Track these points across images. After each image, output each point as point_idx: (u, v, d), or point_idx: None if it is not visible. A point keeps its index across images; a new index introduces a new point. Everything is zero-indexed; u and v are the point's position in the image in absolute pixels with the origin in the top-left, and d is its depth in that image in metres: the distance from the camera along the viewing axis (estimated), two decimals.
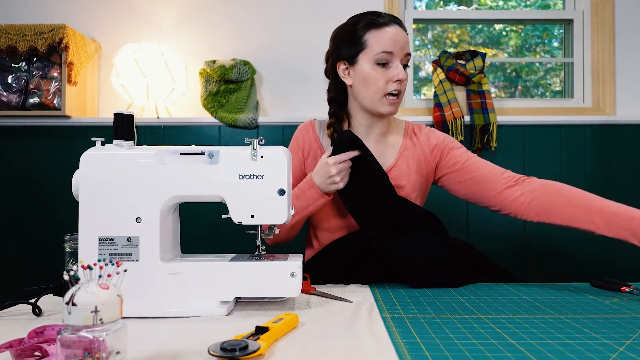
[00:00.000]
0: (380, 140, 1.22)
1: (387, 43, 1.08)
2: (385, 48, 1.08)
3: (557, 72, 2.38)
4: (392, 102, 1.12)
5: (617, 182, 1.98)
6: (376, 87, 1.11)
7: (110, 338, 0.50)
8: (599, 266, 1.94)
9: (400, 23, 1.13)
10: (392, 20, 1.11)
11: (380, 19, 1.11)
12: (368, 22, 1.11)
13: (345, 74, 1.17)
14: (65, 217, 1.90)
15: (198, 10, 2.08)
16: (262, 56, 2.05)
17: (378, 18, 1.11)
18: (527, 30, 2.38)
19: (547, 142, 1.98)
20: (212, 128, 1.97)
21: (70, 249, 0.93)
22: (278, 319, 0.71)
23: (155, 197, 0.81)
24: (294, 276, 0.82)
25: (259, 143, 0.84)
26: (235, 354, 0.57)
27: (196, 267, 0.82)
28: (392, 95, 1.11)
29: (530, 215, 1.10)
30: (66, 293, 0.50)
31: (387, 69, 1.10)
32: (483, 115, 1.91)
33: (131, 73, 1.86)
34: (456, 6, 2.33)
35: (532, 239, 1.95)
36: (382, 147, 1.22)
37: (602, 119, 1.98)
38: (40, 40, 1.84)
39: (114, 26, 2.07)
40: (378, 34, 1.09)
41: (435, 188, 1.29)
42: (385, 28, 1.09)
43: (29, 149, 1.96)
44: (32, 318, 0.81)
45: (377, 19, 1.11)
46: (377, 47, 1.09)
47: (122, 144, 0.83)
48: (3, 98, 1.86)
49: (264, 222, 0.85)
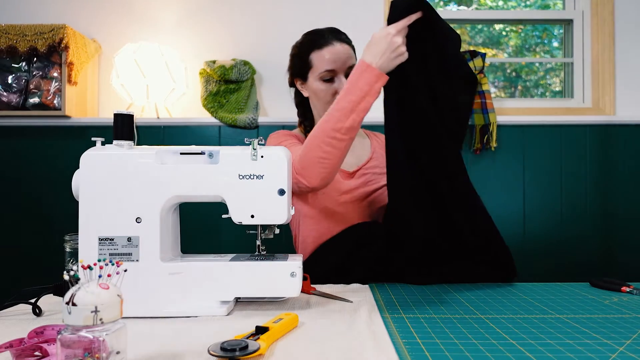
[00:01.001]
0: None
1: (328, 62, 1.20)
2: (327, 67, 1.21)
3: (557, 72, 2.38)
4: None
5: (617, 182, 1.98)
6: (324, 100, 1.24)
7: (110, 338, 0.50)
8: (598, 266, 1.94)
9: (342, 38, 1.24)
10: (332, 37, 1.22)
11: (321, 39, 1.23)
12: (310, 43, 1.24)
13: (302, 88, 1.32)
14: (65, 217, 1.90)
15: (198, 10, 2.08)
16: (262, 56, 2.05)
17: (319, 38, 1.23)
18: (527, 30, 2.38)
19: (547, 142, 1.98)
20: (212, 128, 1.97)
21: (70, 249, 0.93)
22: (278, 319, 0.71)
23: (155, 197, 0.81)
24: (294, 276, 0.82)
25: (259, 143, 0.84)
26: (235, 354, 0.57)
27: (196, 267, 0.82)
28: None
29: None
30: (66, 293, 0.50)
31: (333, 83, 1.23)
32: (483, 115, 1.91)
33: (131, 73, 1.86)
34: (456, 6, 2.33)
35: (531, 238, 1.95)
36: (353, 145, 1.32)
37: (602, 119, 1.98)
38: (40, 40, 1.84)
39: (114, 26, 2.07)
40: (320, 54, 1.22)
41: None
42: (325, 48, 1.21)
43: (29, 149, 1.96)
44: (32, 318, 0.81)
45: (318, 39, 1.23)
46: (320, 67, 1.22)
47: (122, 144, 0.83)
48: (3, 98, 1.86)
49: (264, 222, 0.85)
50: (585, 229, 1.97)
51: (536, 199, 1.97)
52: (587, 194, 1.98)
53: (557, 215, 1.97)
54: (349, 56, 1.22)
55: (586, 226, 1.97)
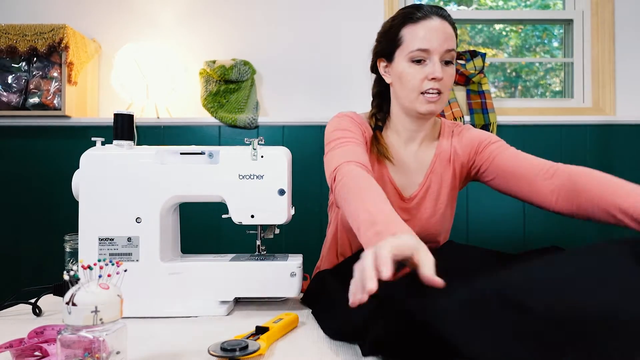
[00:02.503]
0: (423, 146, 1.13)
1: (422, 40, 1.00)
2: (420, 45, 1.00)
3: (557, 72, 2.38)
4: (430, 100, 1.01)
5: None
6: (411, 85, 1.02)
7: (110, 338, 0.50)
8: None
9: (443, 14, 1.02)
10: (431, 12, 1.01)
11: (418, 12, 1.02)
12: (404, 16, 1.03)
13: (385, 72, 1.09)
14: (65, 217, 1.90)
15: (198, 10, 2.08)
16: (262, 56, 2.05)
17: (416, 11, 1.02)
18: (527, 30, 2.38)
19: (547, 142, 1.98)
20: (212, 128, 1.97)
21: (70, 249, 0.93)
22: (278, 319, 0.71)
23: (155, 197, 0.81)
24: (293, 276, 0.82)
25: (259, 143, 0.84)
26: (235, 354, 0.57)
27: (196, 267, 0.83)
28: (429, 94, 1.02)
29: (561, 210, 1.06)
30: (66, 293, 0.50)
31: (424, 66, 1.01)
32: (483, 115, 1.91)
33: (131, 73, 1.86)
34: (456, 6, 2.33)
35: (531, 238, 1.95)
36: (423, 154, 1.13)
37: (602, 119, 1.98)
38: (40, 40, 1.83)
39: (114, 26, 2.07)
40: (413, 29, 1.01)
41: None
42: (421, 22, 1.00)
43: (29, 149, 1.96)
44: (32, 318, 0.81)
45: (415, 12, 1.02)
46: (412, 44, 1.01)
47: (122, 144, 0.83)
48: (3, 98, 1.86)
49: (264, 222, 0.85)
50: (585, 229, 1.97)
51: None
52: None
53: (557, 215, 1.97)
54: (448, 36, 1.01)
55: (586, 226, 1.97)
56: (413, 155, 1.11)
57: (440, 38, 0.99)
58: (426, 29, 1.00)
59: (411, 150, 1.11)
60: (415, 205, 1.10)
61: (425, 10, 1.02)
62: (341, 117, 1.09)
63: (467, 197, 1.95)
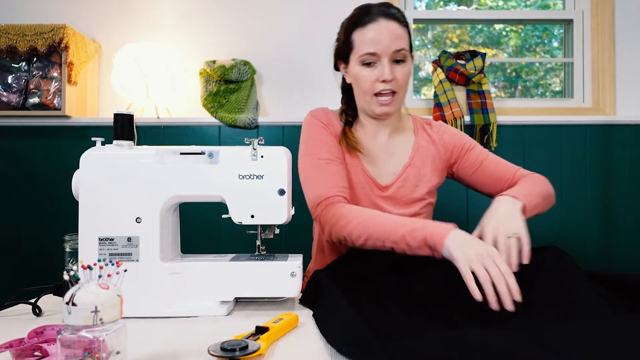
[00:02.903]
0: (393, 137, 1.18)
1: (369, 43, 1.03)
2: (369, 49, 1.03)
3: (557, 72, 2.38)
4: (383, 103, 1.07)
5: (617, 182, 1.98)
6: (365, 87, 1.07)
7: (110, 338, 0.50)
8: (598, 266, 1.94)
9: (391, 15, 1.04)
10: (378, 14, 1.04)
11: (366, 16, 1.05)
12: (354, 20, 1.07)
13: (345, 73, 1.14)
14: (65, 217, 1.90)
15: (198, 10, 2.08)
16: (262, 56, 2.05)
17: (364, 15, 1.05)
18: (527, 30, 2.38)
19: (547, 142, 1.98)
20: (212, 128, 1.97)
21: (70, 249, 0.93)
22: (278, 319, 0.71)
23: (155, 197, 0.81)
24: (294, 276, 0.82)
25: (259, 143, 0.84)
26: (235, 354, 0.57)
27: (196, 267, 0.83)
28: (382, 96, 1.07)
29: None
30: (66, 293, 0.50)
31: (375, 68, 1.05)
32: (483, 115, 1.91)
33: (131, 73, 1.86)
34: (456, 6, 2.33)
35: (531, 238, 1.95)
36: (396, 144, 1.18)
37: (602, 119, 1.98)
38: (40, 40, 1.83)
39: (114, 26, 2.07)
40: (362, 33, 1.04)
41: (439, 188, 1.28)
42: (368, 26, 1.03)
43: (29, 149, 1.96)
44: (32, 318, 0.81)
45: (363, 15, 1.05)
46: (361, 48, 1.05)
47: (122, 144, 0.83)
48: (3, 98, 1.86)
49: (264, 222, 0.85)
50: (585, 229, 1.97)
51: None
52: (587, 194, 1.98)
53: (557, 215, 1.97)
54: (395, 37, 1.03)
55: (586, 226, 1.97)
56: (384, 146, 1.17)
57: (387, 40, 1.02)
58: (373, 32, 1.03)
59: (380, 142, 1.17)
60: (392, 194, 1.14)
61: (372, 12, 1.04)
62: (313, 123, 1.14)
63: (467, 197, 1.95)
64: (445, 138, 1.20)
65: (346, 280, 0.92)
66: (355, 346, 0.59)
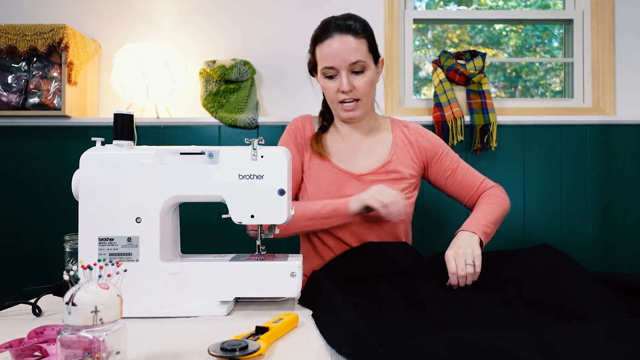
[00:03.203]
0: (370, 136, 1.26)
1: (327, 58, 1.12)
2: (326, 64, 1.12)
3: (557, 72, 2.38)
4: (347, 109, 1.16)
5: (617, 182, 1.98)
6: (329, 97, 1.18)
7: (110, 338, 0.50)
8: (598, 266, 1.94)
9: (347, 29, 1.12)
10: (335, 29, 1.12)
11: (324, 33, 1.13)
12: (315, 36, 1.16)
13: (318, 82, 1.22)
14: (65, 217, 1.90)
15: (198, 10, 2.08)
16: (262, 56, 2.05)
17: (322, 32, 1.14)
18: (527, 30, 2.38)
19: (547, 142, 1.98)
20: (212, 128, 1.97)
21: (70, 249, 0.93)
22: (278, 319, 0.71)
23: (155, 197, 0.81)
24: (294, 276, 0.82)
25: (259, 143, 0.84)
26: (235, 354, 0.57)
27: (196, 267, 0.82)
28: (345, 103, 1.16)
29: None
30: (66, 293, 0.50)
31: (335, 80, 1.14)
32: (483, 115, 1.91)
33: (131, 73, 1.86)
34: (456, 6, 2.33)
35: (531, 238, 1.95)
36: (373, 143, 1.25)
37: (602, 119, 1.98)
38: (40, 40, 1.83)
39: (114, 26, 2.07)
40: (321, 49, 1.14)
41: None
42: (325, 42, 1.12)
43: (29, 149, 1.96)
44: (32, 318, 0.81)
45: (321, 33, 1.14)
46: (321, 63, 1.14)
47: (122, 144, 0.83)
48: (3, 98, 1.86)
49: (264, 222, 0.85)
50: (585, 229, 1.97)
51: (536, 199, 1.97)
52: (587, 194, 1.98)
53: (557, 215, 1.97)
54: (351, 50, 1.10)
55: (586, 226, 1.97)
56: (359, 146, 1.25)
57: (343, 54, 1.10)
58: (329, 48, 1.12)
59: (355, 142, 1.25)
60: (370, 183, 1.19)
61: (329, 28, 1.13)
62: (285, 132, 1.26)
63: None
64: (421, 140, 1.27)
65: (345, 280, 0.93)
66: (355, 347, 0.59)
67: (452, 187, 1.27)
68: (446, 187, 1.28)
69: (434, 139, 1.28)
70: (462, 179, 1.26)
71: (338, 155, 1.23)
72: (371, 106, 1.23)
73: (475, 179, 1.27)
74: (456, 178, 1.26)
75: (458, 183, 1.26)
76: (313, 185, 1.20)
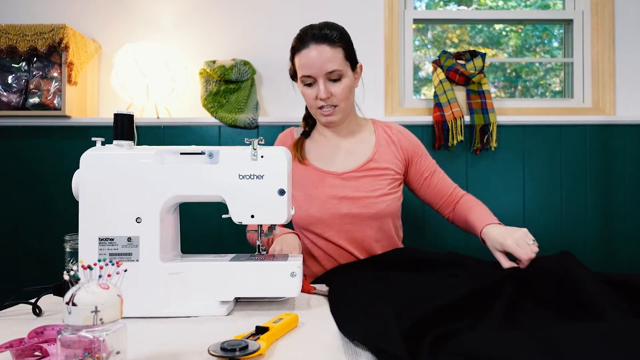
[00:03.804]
0: (351, 138, 1.29)
1: (304, 68, 1.16)
2: (304, 72, 1.16)
3: (557, 72, 2.38)
4: (326, 114, 1.20)
5: (617, 182, 1.98)
6: (309, 103, 1.22)
7: (110, 338, 0.50)
8: (598, 266, 1.94)
9: (322, 38, 1.14)
10: (310, 39, 1.15)
11: (301, 43, 1.16)
12: (293, 45, 1.20)
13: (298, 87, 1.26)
14: (65, 217, 1.90)
15: (198, 10, 2.08)
16: (262, 56, 2.05)
17: (299, 42, 1.17)
18: (527, 30, 2.38)
19: (547, 142, 1.98)
20: (212, 128, 1.97)
21: (70, 249, 0.93)
22: (278, 319, 0.71)
23: (155, 197, 0.81)
24: (294, 276, 0.82)
25: (259, 143, 0.84)
26: (235, 354, 0.57)
27: (196, 267, 0.82)
28: (324, 109, 1.19)
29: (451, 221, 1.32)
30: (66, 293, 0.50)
31: (313, 87, 1.18)
32: (483, 115, 1.91)
33: (131, 73, 1.86)
34: (456, 6, 2.33)
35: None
36: (355, 143, 1.28)
37: (602, 119, 1.98)
38: (40, 40, 1.83)
39: (114, 26, 2.07)
40: (299, 58, 1.17)
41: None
42: (303, 52, 1.16)
43: (29, 149, 1.96)
44: (32, 318, 0.81)
45: (298, 43, 1.18)
46: (299, 72, 1.18)
47: (122, 144, 0.83)
48: (3, 98, 1.86)
49: (264, 222, 0.85)
50: (585, 229, 1.97)
51: (536, 199, 1.97)
52: (587, 194, 1.98)
53: (557, 215, 1.97)
54: (326, 60, 1.13)
55: (586, 226, 1.97)
56: (341, 147, 1.28)
57: (318, 64, 1.14)
58: (306, 57, 1.15)
59: (336, 144, 1.28)
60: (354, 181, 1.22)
61: (306, 39, 1.16)
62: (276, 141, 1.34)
63: None
64: (403, 140, 1.30)
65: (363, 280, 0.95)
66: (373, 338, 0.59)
67: (427, 190, 1.30)
68: (421, 190, 1.31)
69: (415, 141, 1.32)
70: (437, 184, 1.30)
71: (319, 158, 1.27)
72: (350, 110, 1.26)
73: (448, 185, 1.30)
74: (432, 181, 1.29)
75: (433, 187, 1.30)
76: (297, 190, 1.24)
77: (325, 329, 0.72)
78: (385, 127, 1.32)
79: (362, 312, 0.72)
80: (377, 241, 1.22)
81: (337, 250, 1.21)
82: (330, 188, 1.21)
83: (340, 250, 1.21)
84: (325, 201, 1.20)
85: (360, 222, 1.20)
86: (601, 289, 0.76)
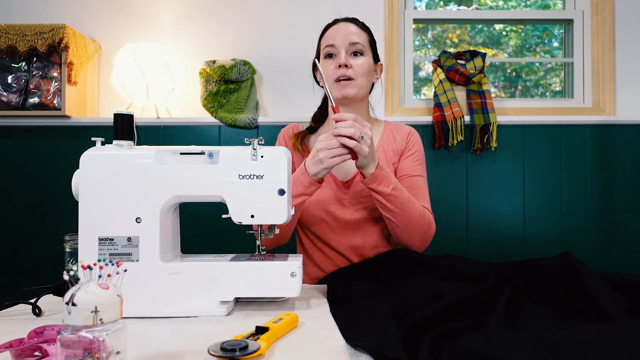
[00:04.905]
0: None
1: (329, 38, 1.23)
2: (327, 42, 1.23)
3: (557, 72, 2.38)
4: (343, 85, 1.21)
5: (617, 182, 1.98)
6: (327, 74, 1.23)
7: (110, 338, 0.50)
8: (598, 266, 1.94)
9: (351, 19, 1.26)
10: (341, 20, 1.26)
11: (330, 24, 1.26)
12: (322, 30, 1.28)
13: (319, 79, 1.31)
14: (65, 217, 1.90)
15: (198, 10, 2.08)
16: (262, 56, 2.05)
17: (329, 24, 1.27)
18: (527, 30, 2.38)
19: (547, 142, 1.98)
20: (212, 128, 1.97)
21: (70, 249, 0.93)
22: (278, 319, 0.71)
23: (155, 197, 0.81)
24: (294, 276, 0.82)
25: (259, 143, 0.84)
26: (235, 354, 0.57)
27: (196, 267, 0.82)
28: (341, 80, 1.21)
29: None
30: (66, 293, 0.50)
31: (334, 59, 1.22)
32: (483, 115, 1.91)
33: (131, 73, 1.86)
34: (456, 6, 2.33)
35: (531, 238, 1.95)
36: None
37: (602, 119, 1.98)
38: (40, 40, 1.83)
39: (114, 26, 2.07)
40: (325, 35, 1.26)
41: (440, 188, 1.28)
42: (330, 28, 1.25)
43: (29, 149, 1.96)
44: (32, 318, 0.81)
45: (328, 25, 1.27)
46: (323, 44, 1.25)
47: (122, 144, 0.83)
48: (3, 98, 1.86)
49: (264, 222, 0.85)
50: (585, 228, 1.97)
51: (536, 199, 1.97)
52: (587, 194, 1.98)
53: (557, 215, 1.97)
54: (351, 32, 1.22)
55: (586, 226, 1.97)
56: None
57: (342, 34, 1.22)
58: (332, 30, 1.24)
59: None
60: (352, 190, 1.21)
61: (336, 19, 1.27)
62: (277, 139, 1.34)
63: (467, 196, 1.95)
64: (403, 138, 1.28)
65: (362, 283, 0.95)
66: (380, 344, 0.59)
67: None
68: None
69: (417, 144, 1.28)
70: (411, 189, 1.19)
71: None
72: (365, 93, 1.25)
73: (422, 198, 1.20)
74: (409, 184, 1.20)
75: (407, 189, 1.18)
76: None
77: (325, 329, 0.72)
78: (393, 128, 1.30)
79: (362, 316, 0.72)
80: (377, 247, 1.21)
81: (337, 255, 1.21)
82: (334, 193, 1.20)
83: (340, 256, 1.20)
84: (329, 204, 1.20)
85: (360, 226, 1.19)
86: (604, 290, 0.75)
